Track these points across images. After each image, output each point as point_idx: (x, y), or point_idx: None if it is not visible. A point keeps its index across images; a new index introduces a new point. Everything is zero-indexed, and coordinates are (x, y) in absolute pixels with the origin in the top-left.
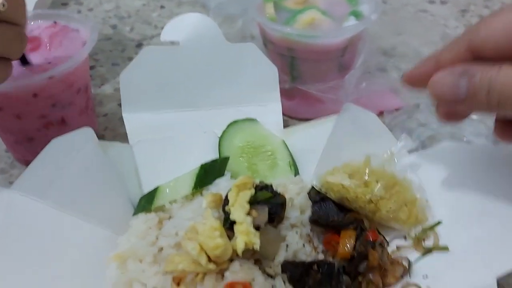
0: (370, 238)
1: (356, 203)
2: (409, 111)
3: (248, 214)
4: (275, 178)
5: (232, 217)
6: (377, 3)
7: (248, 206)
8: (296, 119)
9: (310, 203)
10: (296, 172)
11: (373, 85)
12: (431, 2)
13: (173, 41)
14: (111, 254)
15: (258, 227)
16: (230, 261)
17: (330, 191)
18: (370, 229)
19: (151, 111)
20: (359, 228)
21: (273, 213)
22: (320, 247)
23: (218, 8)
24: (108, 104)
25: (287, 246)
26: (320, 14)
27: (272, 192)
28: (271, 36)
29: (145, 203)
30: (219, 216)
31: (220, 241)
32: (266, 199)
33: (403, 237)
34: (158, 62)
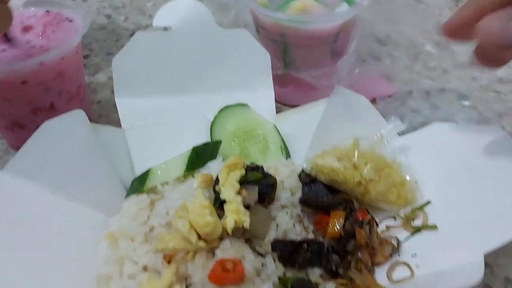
0: (359, 218)
1: (345, 185)
2: (401, 97)
3: (238, 194)
4: (267, 162)
5: (222, 196)
6: None
7: (238, 185)
8: (289, 106)
9: (301, 185)
10: (287, 156)
11: (366, 72)
12: None
13: (165, 26)
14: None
15: (248, 206)
16: (221, 239)
17: (320, 173)
18: (360, 209)
19: (143, 96)
20: (348, 208)
21: (263, 194)
22: (310, 227)
23: None
24: (102, 92)
25: (278, 226)
26: (313, 0)
27: (263, 173)
28: (263, 22)
29: (137, 185)
30: (210, 196)
31: (210, 218)
32: (257, 180)
33: (392, 218)
34: (151, 48)
